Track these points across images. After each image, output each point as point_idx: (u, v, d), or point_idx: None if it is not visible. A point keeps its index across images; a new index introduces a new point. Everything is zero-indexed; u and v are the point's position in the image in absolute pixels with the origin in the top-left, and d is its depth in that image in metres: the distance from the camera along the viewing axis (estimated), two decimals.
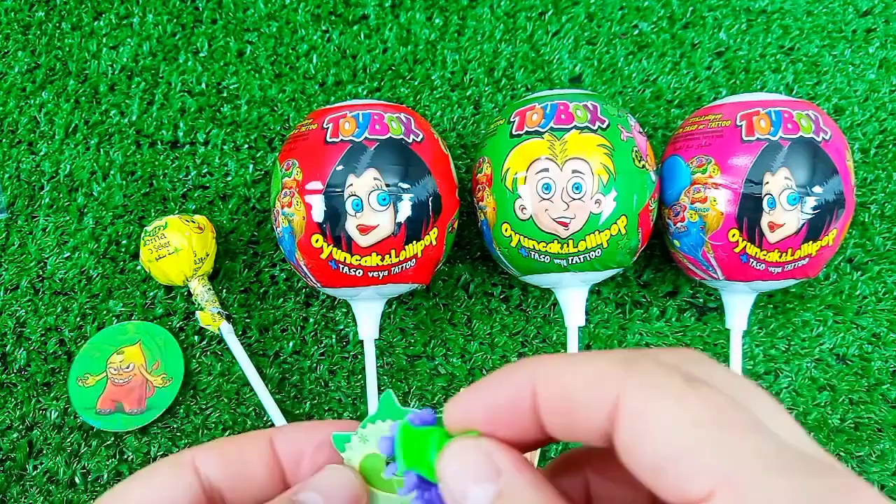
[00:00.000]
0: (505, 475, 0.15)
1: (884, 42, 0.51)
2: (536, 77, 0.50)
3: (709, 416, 0.13)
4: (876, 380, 0.44)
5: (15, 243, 0.47)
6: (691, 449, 0.13)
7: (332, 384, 0.44)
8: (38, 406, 0.44)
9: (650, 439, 0.13)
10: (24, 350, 0.45)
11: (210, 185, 0.48)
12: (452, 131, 0.49)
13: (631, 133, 0.39)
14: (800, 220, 0.37)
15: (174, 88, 0.50)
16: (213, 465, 0.18)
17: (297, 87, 0.50)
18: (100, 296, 0.46)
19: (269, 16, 0.51)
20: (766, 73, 0.50)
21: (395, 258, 0.38)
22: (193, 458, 0.18)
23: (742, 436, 0.13)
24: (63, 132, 0.49)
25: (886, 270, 0.46)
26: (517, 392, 0.16)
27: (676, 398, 0.13)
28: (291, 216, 0.38)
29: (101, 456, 0.43)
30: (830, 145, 0.38)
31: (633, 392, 0.14)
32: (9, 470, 0.43)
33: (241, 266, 0.46)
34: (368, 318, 0.42)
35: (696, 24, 0.51)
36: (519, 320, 0.46)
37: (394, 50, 0.51)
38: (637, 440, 0.13)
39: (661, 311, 0.46)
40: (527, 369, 0.16)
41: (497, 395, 0.16)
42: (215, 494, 0.18)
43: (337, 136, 0.38)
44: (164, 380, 0.43)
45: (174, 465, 0.18)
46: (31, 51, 0.51)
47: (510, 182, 0.38)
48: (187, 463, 0.18)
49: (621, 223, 0.38)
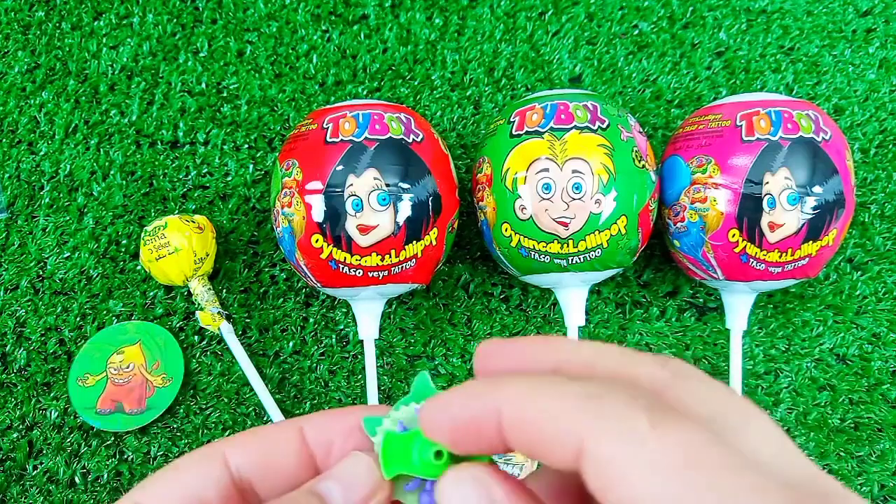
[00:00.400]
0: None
1: (884, 42, 0.51)
2: (536, 77, 0.50)
3: (676, 460, 0.13)
4: (876, 380, 0.44)
5: (15, 243, 0.47)
6: (658, 496, 0.12)
7: (332, 384, 0.44)
8: (38, 406, 0.44)
9: (616, 485, 0.13)
10: (24, 350, 0.45)
11: (210, 185, 0.48)
12: (452, 131, 0.49)
13: (631, 133, 0.39)
14: (800, 220, 0.37)
15: (174, 88, 0.50)
16: (242, 457, 0.18)
17: (297, 87, 0.50)
18: (100, 296, 0.46)
19: (269, 16, 0.51)
20: (766, 73, 0.50)
21: (395, 258, 0.38)
22: (223, 450, 0.18)
23: (714, 477, 0.12)
24: (63, 132, 0.49)
25: (886, 270, 0.46)
26: (482, 414, 0.15)
27: (641, 443, 0.13)
28: (291, 216, 0.38)
29: (101, 456, 0.43)
30: (830, 145, 0.38)
31: (597, 438, 0.13)
32: (9, 470, 0.43)
33: (241, 266, 0.46)
34: (368, 318, 0.42)
35: (696, 24, 0.51)
36: (519, 320, 0.46)
37: (394, 50, 0.51)
38: (603, 485, 0.13)
39: (661, 311, 0.46)
40: (493, 394, 0.15)
41: (462, 414, 0.16)
42: (245, 485, 0.18)
43: (337, 136, 0.38)
44: (164, 380, 0.43)
45: (203, 458, 0.18)
46: (31, 51, 0.51)
47: (510, 182, 0.38)
48: (216, 455, 0.18)
49: (621, 223, 0.38)
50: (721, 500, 0.12)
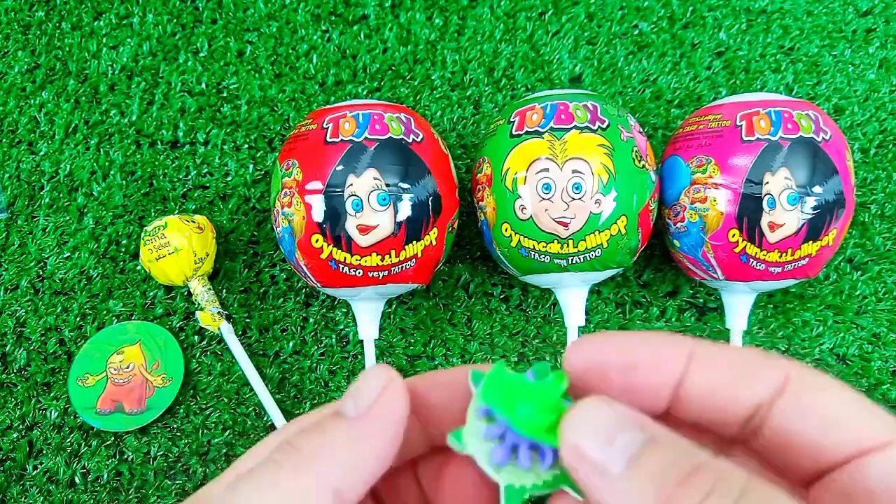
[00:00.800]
0: (650, 427, 0.15)
1: (884, 42, 0.51)
2: (536, 77, 0.50)
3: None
4: (876, 380, 0.44)
5: (15, 243, 0.47)
6: (865, 408, 0.15)
7: (332, 384, 0.44)
8: (38, 406, 0.44)
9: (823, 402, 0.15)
10: (24, 350, 0.45)
11: (210, 185, 0.48)
12: (452, 131, 0.49)
13: (631, 133, 0.39)
14: (800, 220, 0.37)
15: (174, 88, 0.50)
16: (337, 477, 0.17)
17: (297, 87, 0.50)
18: (100, 296, 0.46)
19: (269, 16, 0.51)
20: (766, 73, 0.50)
21: (395, 258, 0.38)
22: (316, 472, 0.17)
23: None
24: (63, 132, 0.49)
25: (886, 270, 0.46)
26: (670, 353, 0.16)
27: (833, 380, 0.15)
28: (291, 216, 0.38)
29: (101, 456, 0.43)
30: (830, 145, 0.38)
31: (801, 370, 0.15)
32: (9, 470, 0.43)
33: (241, 266, 0.46)
34: (368, 318, 0.42)
35: (696, 24, 0.51)
36: (519, 320, 0.46)
37: (394, 50, 0.51)
38: (809, 404, 0.15)
39: (661, 311, 0.46)
40: (686, 340, 0.16)
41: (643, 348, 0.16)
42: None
43: (337, 136, 0.38)
44: (164, 380, 0.43)
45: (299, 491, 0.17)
46: (31, 51, 0.51)
47: (510, 182, 0.38)
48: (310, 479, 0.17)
49: (621, 223, 0.38)
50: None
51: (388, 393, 0.17)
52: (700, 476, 0.14)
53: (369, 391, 0.17)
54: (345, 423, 0.17)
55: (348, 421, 0.17)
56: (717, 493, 0.13)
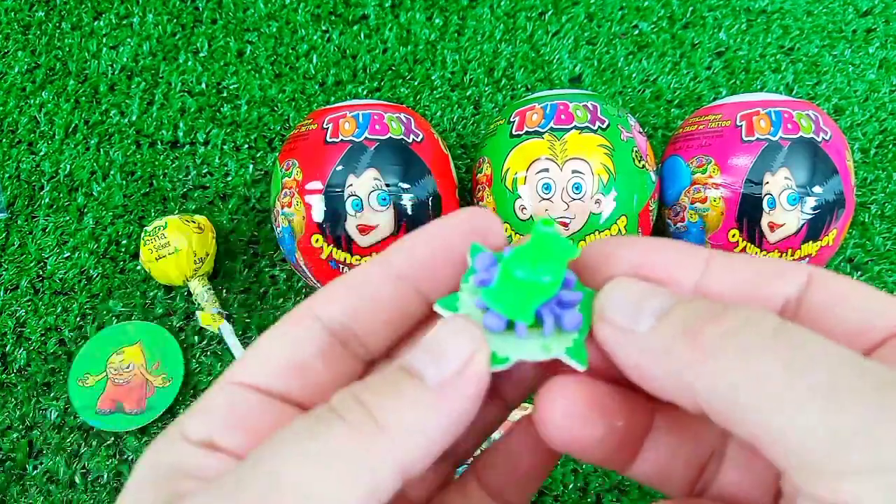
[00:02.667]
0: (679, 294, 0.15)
1: (884, 42, 0.51)
2: (536, 77, 0.50)
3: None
4: None
5: (15, 243, 0.47)
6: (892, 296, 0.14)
7: None
8: (38, 406, 0.44)
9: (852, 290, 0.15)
10: (24, 350, 0.45)
11: (210, 185, 0.48)
12: (452, 131, 0.49)
13: (631, 133, 0.39)
14: (800, 220, 0.37)
15: (174, 88, 0.50)
16: (335, 311, 0.17)
17: (297, 87, 0.50)
18: (100, 296, 0.46)
19: (269, 16, 0.51)
20: (766, 73, 0.50)
21: None
22: (313, 309, 0.17)
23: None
24: (63, 132, 0.49)
25: (886, 270, 0.46)
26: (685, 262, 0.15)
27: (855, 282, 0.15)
28: (291, 216, 0.38)
29: (101, 456, 0.43)
30: (830, 145, 0.38)
31: (821, 270, 0.15)
32: (9, 470, 0.42)
33: (241, 266, 0.46)
34: None
35: (696, 24, 0.51)
36: None
37: (394, 50, 0.51)
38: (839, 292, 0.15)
39: None
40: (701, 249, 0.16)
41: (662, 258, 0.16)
42: (348, 336, 0.17)
43: (337, 136, 0.38)
44: (164, 380, 0.43)
45: (292, 323, 0.17)
46: (31, 51, 0.51)
47: (510, 182, 0.38)
48: (305, 316, 0.17)
49: (621, 223, 0.38)
50: None
51: (476, 362, 0.15)
52: (730, 313, 0.13)
53: (457, 354, 0.15)
54: (427, 393, 0.14)
55: (430, 391, 0.14)
56: (751, 325, 0.13)
